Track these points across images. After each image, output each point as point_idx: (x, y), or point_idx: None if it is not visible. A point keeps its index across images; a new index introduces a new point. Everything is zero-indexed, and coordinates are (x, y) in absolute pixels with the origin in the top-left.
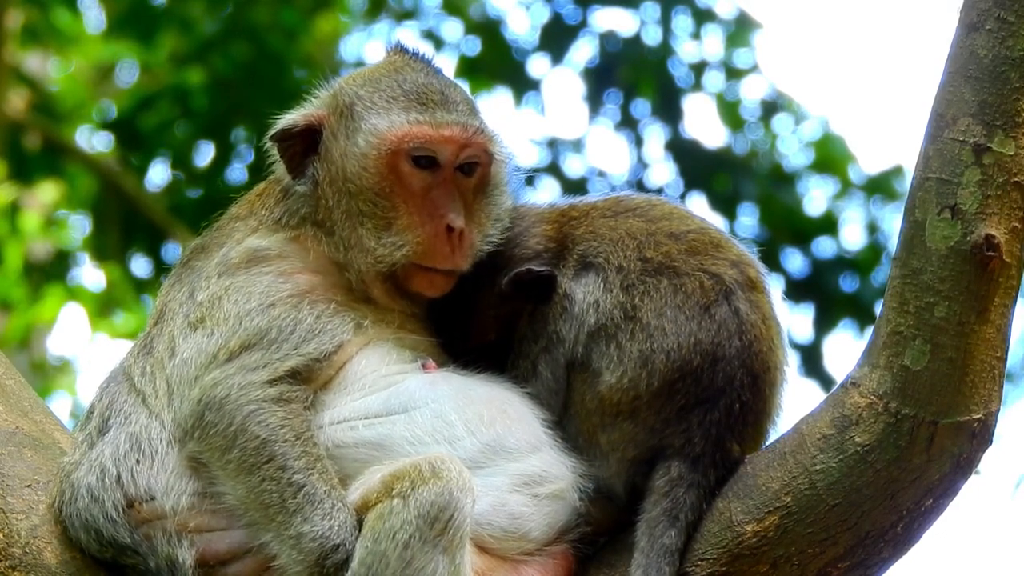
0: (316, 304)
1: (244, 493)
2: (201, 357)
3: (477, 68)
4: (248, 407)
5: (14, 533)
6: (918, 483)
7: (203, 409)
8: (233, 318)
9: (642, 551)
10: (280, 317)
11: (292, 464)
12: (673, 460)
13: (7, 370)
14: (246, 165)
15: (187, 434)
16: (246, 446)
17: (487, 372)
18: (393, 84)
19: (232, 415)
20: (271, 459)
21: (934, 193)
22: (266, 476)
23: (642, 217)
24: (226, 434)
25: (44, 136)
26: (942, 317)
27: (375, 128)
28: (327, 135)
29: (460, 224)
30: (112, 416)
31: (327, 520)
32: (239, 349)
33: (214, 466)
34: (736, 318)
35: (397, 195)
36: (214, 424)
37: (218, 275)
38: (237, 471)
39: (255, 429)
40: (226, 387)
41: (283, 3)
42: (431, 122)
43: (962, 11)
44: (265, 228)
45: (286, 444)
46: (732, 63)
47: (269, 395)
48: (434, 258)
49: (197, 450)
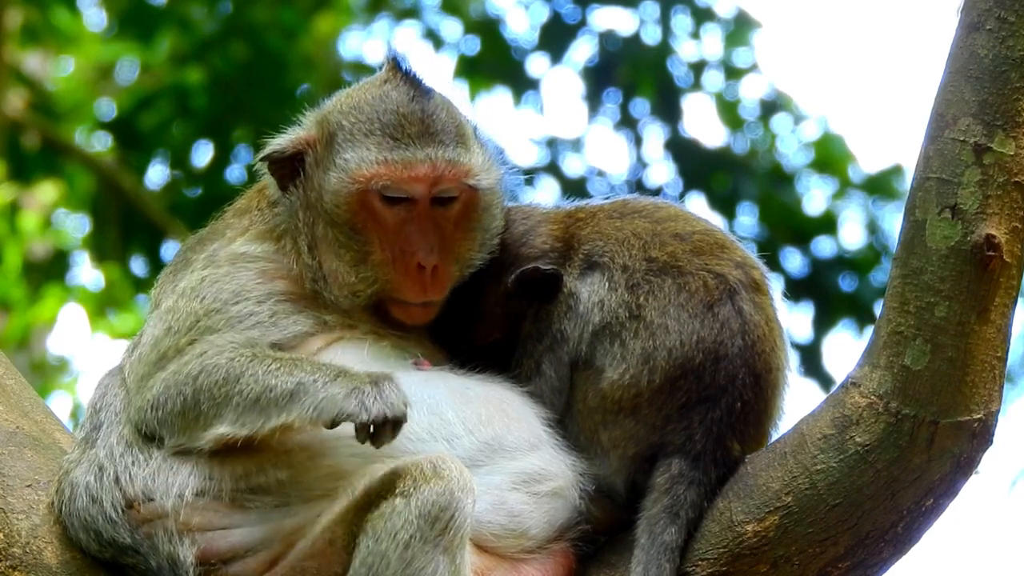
0: (280, 303)
1: (233, 430)
2: (152, 354)
3: (476, 67)
4: (173, 379)
5: (14, 533)
6: (918, 483)
7: (143, 412)
8: (193, 315)
9: (642, 548)
10: (236, 311)
11: (259, 370)
12: (674, 457)
13: (7, 370)
14: (245, 165)
15: (153, 437)
16: (208, 396)
17: (487, 372)
18: (373, 113)
19: (179, 391)
20: (238, 379)
21: (934, 193)
22: (244, 399)
23: (648, 218)
24: (184, 411)
25: (43, 136)
26: (942, 317)
27: (346, 164)
28: (310, 162)
29: (431, 262)
30: (105, 412)
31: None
32: (186, 345)
33: (199, 443)
34: (739, 317)
35: (371, 230)
36: (155, 419)
37: (202, 267)
38: (216, 420)
39: (204, 381)
40: (158, 383)
41: (282, 3)
42: (401, 161)
43: (963, 11)
44: (255, 232)
45: (247, 362)
46: (731, 62)
47: (208, 356)
48: (406, 294)
49: (175, 443)
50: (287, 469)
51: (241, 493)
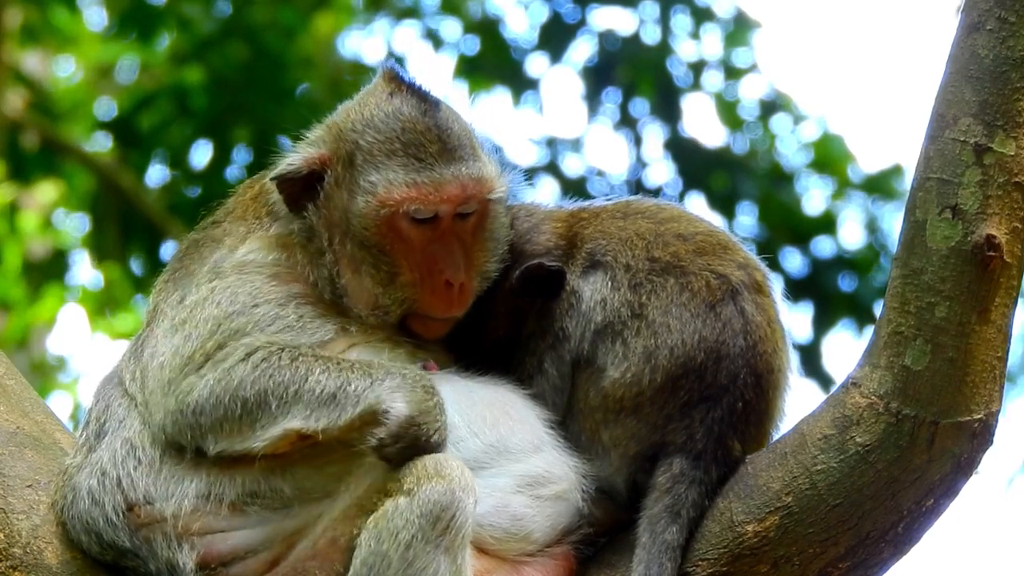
0: (302, 306)
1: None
2: (176, 360)
3: (476, 67)
4: (223, 384)
5: (15, 533)
6: (919, 483)
7: (180, 417)
8: (213, 320)
9: (643, 547)
10: (261, 314)
11: (302, 373)
12: (675, 457)
13: (8, 370)
14: (244, 165)
15: (173, 442)
16: (244, 406)
17: (490, 374)
18: (391, 132)
19: (214, 405)
20: (306, 378)
21: (935, 193)
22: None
23: (651, 219)
24: (242, 413)
25: (42, 135)
26: (943, 317)
27: (374, 188)
28: (329, 182)
29: (460, 279)
30: (108, 420)
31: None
32: (215, 349)
33: (253, 444)
34: (741, 318)
35: (398, 251)
36: (198, 425)
37: (208, 280)
38: (283, 418)
39: (240, 392)
40: (200, 388)
41: (282, 2)
42: (431, 182)
43: (963, 11)
44: (258, 240)
45: (277, 369)
46: (731, 62)
47: (258, 358)
48: (434, 311)
49: (221, 447)
50: (290, 476)
51: (242, 498)
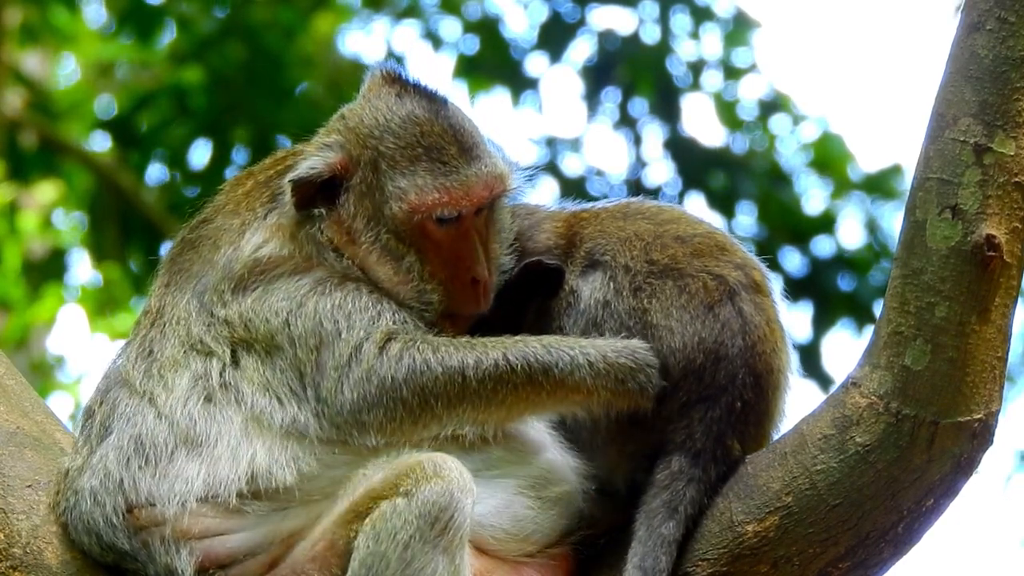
0: (374, 292)
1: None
2: (332, 360)
3: (475, 67)
4: (404, 366)
5: (15, 533)
6: (919, 483)
7: (365, 412)
8: (317, 319)
9: (640, 540)
10: (371, 301)
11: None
12: (674, 455)
13: (8, 370)
14: (243, 164)
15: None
16: (436, 390)
17: None
18: (411, 137)
19: (416, 386)
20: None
21: (935, 193)
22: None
23: (650, 220)
24: (421, 408)
25: (41, 135)
26: (943, 317)
27: (405, 194)
28: (354, 187)
29: (484, 276)
30: (114, 421)
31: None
32: (384, 336)
33: (436, 429)
34: (740, 318)
35: (425, 252)
36: (391, 412)
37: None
38: (443, 412)
39: (422, 377)
40: (382, 383)
41: (281, 2)
42: (460, 185)
43: (963, 11)
44: (263, 230)
45: (455, 353)
46: (730, 62)
47: (393, 347)
48: (461, 308)
49: (388, 439)
50: (296, 473)
51: (244, 498)
